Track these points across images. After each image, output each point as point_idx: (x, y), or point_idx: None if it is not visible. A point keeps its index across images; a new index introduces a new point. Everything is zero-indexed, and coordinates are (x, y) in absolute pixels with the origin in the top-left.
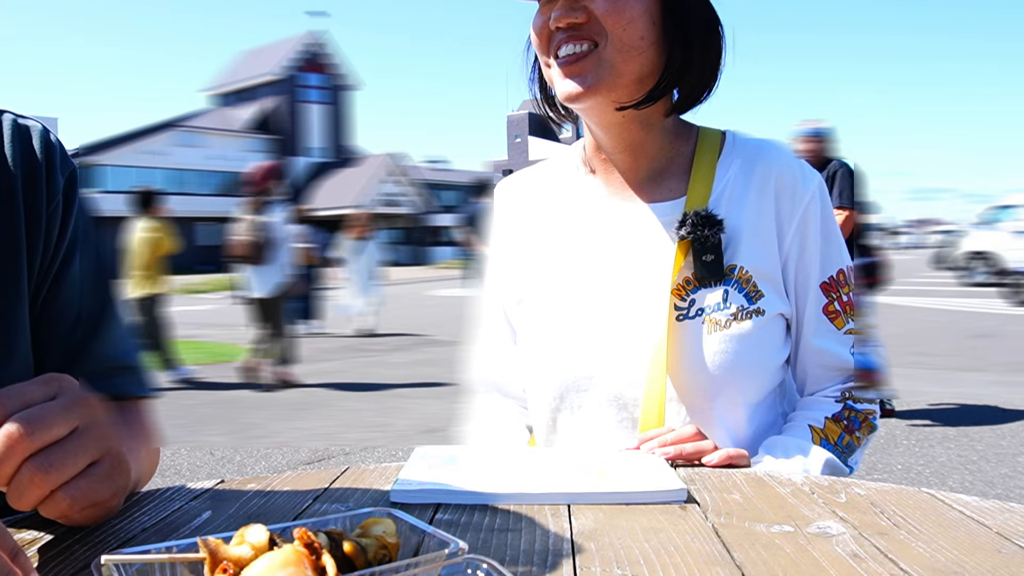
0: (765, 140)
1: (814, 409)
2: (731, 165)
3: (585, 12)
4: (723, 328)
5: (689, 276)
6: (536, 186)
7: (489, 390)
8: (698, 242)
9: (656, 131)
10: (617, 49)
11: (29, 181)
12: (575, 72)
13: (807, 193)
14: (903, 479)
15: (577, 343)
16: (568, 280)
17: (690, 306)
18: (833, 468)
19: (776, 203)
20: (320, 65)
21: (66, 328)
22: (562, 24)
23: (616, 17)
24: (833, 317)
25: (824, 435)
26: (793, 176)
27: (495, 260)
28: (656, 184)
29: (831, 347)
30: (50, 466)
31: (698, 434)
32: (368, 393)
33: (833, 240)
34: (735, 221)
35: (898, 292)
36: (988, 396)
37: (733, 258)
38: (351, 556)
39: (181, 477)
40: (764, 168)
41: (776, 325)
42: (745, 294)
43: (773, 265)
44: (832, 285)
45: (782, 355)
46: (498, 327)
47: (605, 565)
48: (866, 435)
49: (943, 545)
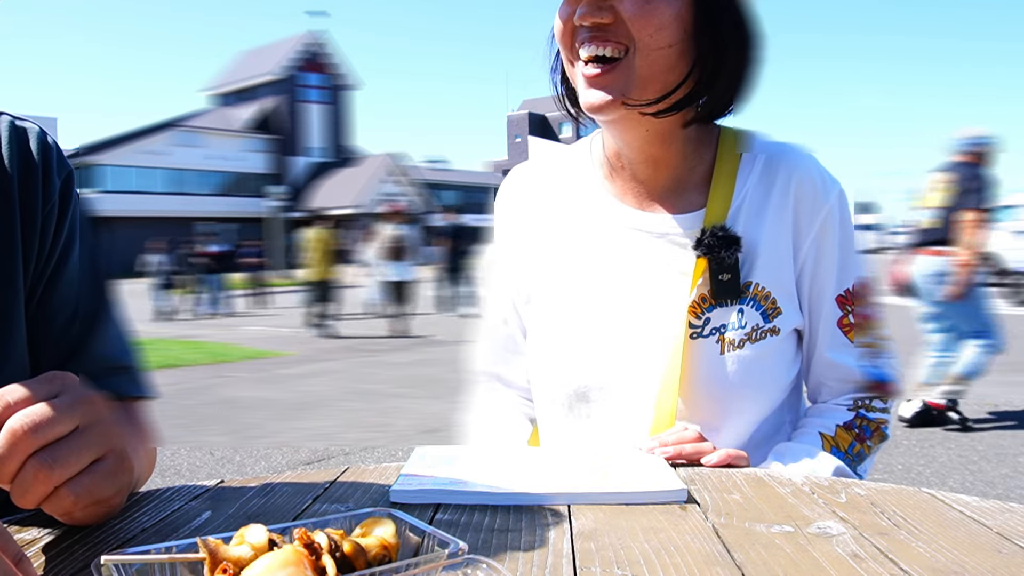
0: (787, 145)
1: (825, 416)
2: (751, 173)
3: (612, 13)
4: (737, 348)
5: (705, 293)
6: (547, 183)
7: (491, 380)
8: (715, 262)
9: (678, 141)
10: (645, 57)
11: (26, 182)
12: (600, 83)
13: (827, 203)
14: (903, 479)
15: (588, 353)
16: (581, 287)
17: (705, 324)
18: (842, 476)
19: (795, 213)
20: (320, 65)
21: (61, 328)
22: (587, 23)
23: (645, 22)
24: (847, 331)
25: (835, 443)
26: (813, 185)
27: (502, 254)
28: (676, 195)
29: (845, 360)
30: (54, 463)
31: (699, 436)
32: (368, 393)
33: (850, 251)
34: (753, 235)
35: None
36: (988, 396)
37: (750, 274)
38: (351, 556)
39: (181, 477)
40: (784, 176)
41: (790, 342)
42: (762, 312)
43: (788, 278)
44: (848, 298)
45: (793, 370)
46: (503, 319)
47: (605, 565)
48: (877, 444)
49: (943, 545)
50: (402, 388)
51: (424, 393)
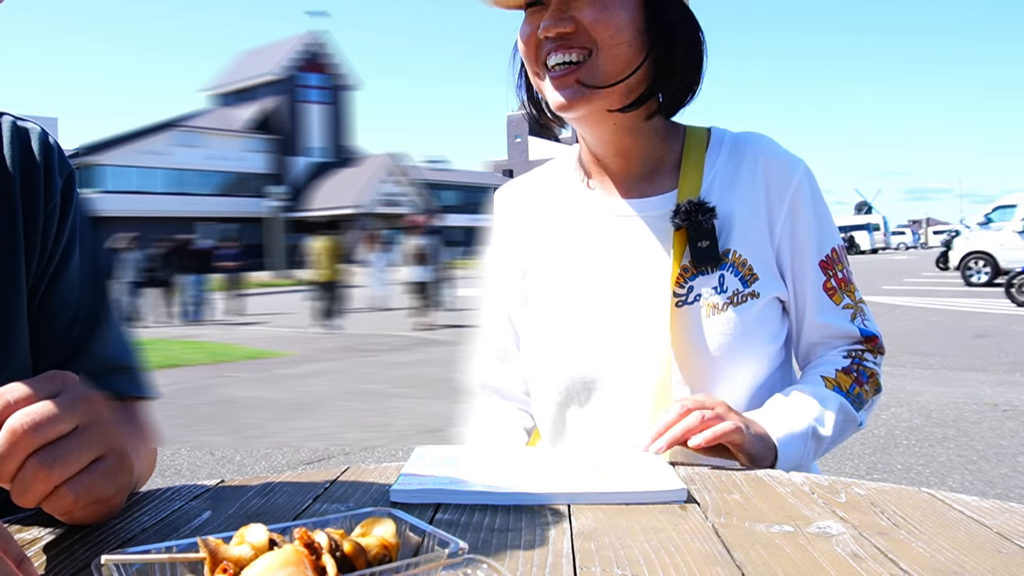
0: (749, 133)
1: (823, 365)
2: (719, 157)
3: (573, 22)
4: (721, 311)
5: (687, 264)
6: (535, 191)
7: (487, 392)
8: (693, 229)
9: (645, 133)
10: (607, 57)
11: (27, 182)
12: (566, 83)
13: (794, 178)
14: (903, 479)
15: (584, 339)
16: (572, 280)
17: (688, 292)
18: (846, 414)
19: (766, 191)
20: (320, 65)
21: (63, 328)
22: (551, 34)
23: (605, 25)
24: (831, 294)
25: (836, 383)
26: (780, 163)
27: (496, 264)
28: (649, 182)
29: (834, 321)
30: (54, 461)
31: (682, 413)
32: (368, 393)
33: (824, 220)
34: (727, 208)
35: (898, 292)
36: (988, 396)
37: (727, 243)
38: (351, 556)
39: (181, 477)
40: (751, 158)
41: (772, 307)
42: (741, 278)
43: (766, 249)
44: (828, 263)
45: (780, 336)
46: (498, 330)
47: (605, 565)
48: (872, 392)
49: (943, 545)
50: (402, 388)
51: (424, 393)
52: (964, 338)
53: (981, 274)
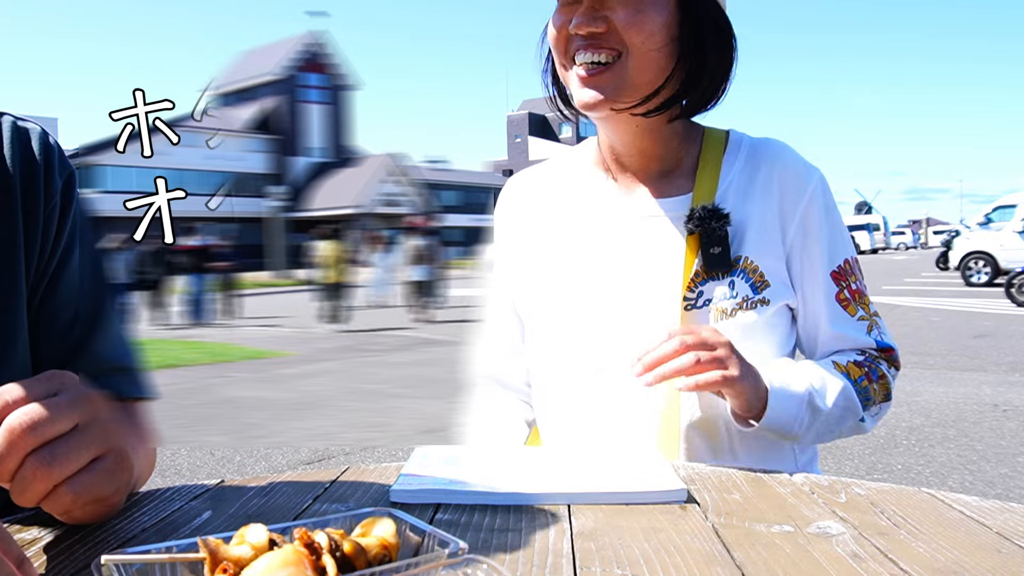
0: (767, 139)
1: (837, 354)
2: (735, 162)
3: (606, 22)
4: (729, 316)
5: (698, 269)
6: (547, 183)
7: (489, 383)
8: (706, 235)
9: (666, 135)
10: (636, 61)
11: (28, 182)
12: (594, 84)
13: (808, 188)
14: (903, 479)
15: (592, 335)
16: (582, 275)
17: (698, 297)
18: (848, 399)
19: (780, 198)
20: (320, 65)
21: (62, 328)
22: (582, 32)
23: (637, 29)
24: (845, 305)
25: (846, 371)
26: (796, 171)
27: (503, 256)
28: (666, 182)
29: (849, 332)
30: (53, 461)
31: (679, 349)
32: (368, 393)
33: (837, 231)
34: (741, 214)
35: (898, 292)
36: (988, 396)
37: (740, 249)
38: (351, 556)
39: (181, 477)
40: (767, 165)
41: (782, 315)
42: (752, 284)
43: (778, 257)
44: (841, 274)
45: (788, 344)
46: (502, 322)
47: (605, 565)
48: (881, 394)
49: (943, 545)
50: (402, 388)
51: (424, 393)
52: (964, 338)
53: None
